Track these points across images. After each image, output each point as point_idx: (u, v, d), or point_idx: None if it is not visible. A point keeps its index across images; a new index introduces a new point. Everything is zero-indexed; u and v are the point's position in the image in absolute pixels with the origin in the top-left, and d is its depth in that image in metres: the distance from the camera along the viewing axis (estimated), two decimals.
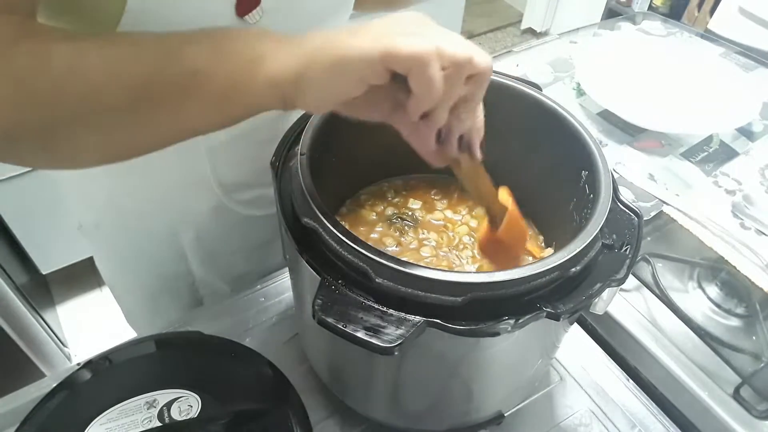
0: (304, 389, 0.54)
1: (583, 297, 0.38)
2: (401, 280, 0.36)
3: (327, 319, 0.34)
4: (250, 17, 0.46)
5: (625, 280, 0.40)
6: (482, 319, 0.35)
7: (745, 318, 0.66)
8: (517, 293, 0.36)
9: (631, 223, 0.43)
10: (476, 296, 0.35)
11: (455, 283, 0.35)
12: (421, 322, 0.34)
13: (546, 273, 0.36)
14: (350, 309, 0.35)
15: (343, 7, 0.60)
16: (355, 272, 0.37)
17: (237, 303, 0.65)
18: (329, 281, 0.36)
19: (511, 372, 0.48)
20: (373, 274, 0.36)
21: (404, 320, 0.34)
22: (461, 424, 0.52)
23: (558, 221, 0.52)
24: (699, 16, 1.29)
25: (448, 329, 0.35)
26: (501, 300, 0.36)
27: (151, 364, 0.55)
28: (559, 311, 0.36)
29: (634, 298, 0.67)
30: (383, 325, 0.34)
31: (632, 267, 0.40)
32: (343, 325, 0.34)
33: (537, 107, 0.51)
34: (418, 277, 0.35)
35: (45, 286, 1.68)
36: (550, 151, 0.51)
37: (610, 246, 0.41)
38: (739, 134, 0.92)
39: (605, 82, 0.96)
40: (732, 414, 0.56)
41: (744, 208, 0.77)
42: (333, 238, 0.37)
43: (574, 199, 0.48)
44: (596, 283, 0.39)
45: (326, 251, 0.38)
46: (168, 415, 0.49)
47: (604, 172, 0.44)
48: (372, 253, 0.36)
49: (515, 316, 0.35)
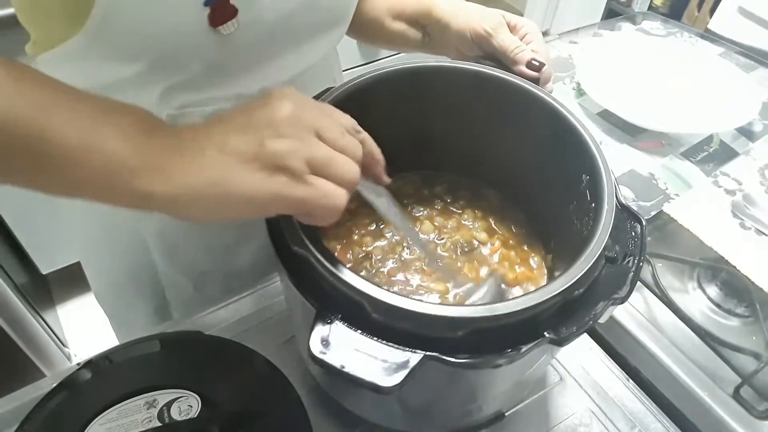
0: (305, 389, 0.54)
1: (585, 318, 0.35)
2: (399, 316, 0.33)
3: (325, 360, 0.32)
4: (224, 28, 0.45)
5: (629, 297, 0.37)
6: (484, 351, 0.34)
7: (745, 318, 0.66)
8: (518, 322, 0.34)
9: (633, 231, 0.40)
10: (476, 328, 0.34)
11: (455, 318, 0.33)
12: (422, 357, 0.33)
13: (549, 301, 0.35)
14: (348, 346, 0.33)
15: (335, 29, 0.60)
16: (350, 304, 0.35)
17: (237, 303, 0.65)
18: (324, 315, 0.34)
19: (511, 374, 0.47)
20: (370, 309, 0.34)
21: (404, 356, 0.33)
22: (460, 426, 0.51)
23: (556, 223, 0.51)
24: (699, 16, 1.28)
25: (449, 363, 0.33)
26: (502, 330, 0.34)
27: (151, 364, 0.55)
28: (562, 336, 0.34)
29: (634, 298, 0.67)
30: (383, 363, 0.32)
31: (636, 282, 0.38)
32: (341, 365, 0.32)
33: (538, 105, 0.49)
34: (416, 313, 0.33)
35: (45, 286, 1.68)
36: (550, 150, 0.50)
37: (613, 259, 0.39)
38: (739, 134, 0.92)
39: (605, 82, 0.96)
40: (732, 414, 0.56)
41: (744, 208, 0.77)
42: (326, 270, 0.35)
43: (574, 201, 0.46)
44: (599, 301, 0.36)
45: (319, 280, 0.36)
46: (168, 415, 0.49)
47: (607, 180, 0.42)
48: (368, 288, 0.34)
49: (517, 347, 0.34)
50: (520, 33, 0.56)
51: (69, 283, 1.64)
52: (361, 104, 0.45)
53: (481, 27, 0.55)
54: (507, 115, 0.52)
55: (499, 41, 0.54)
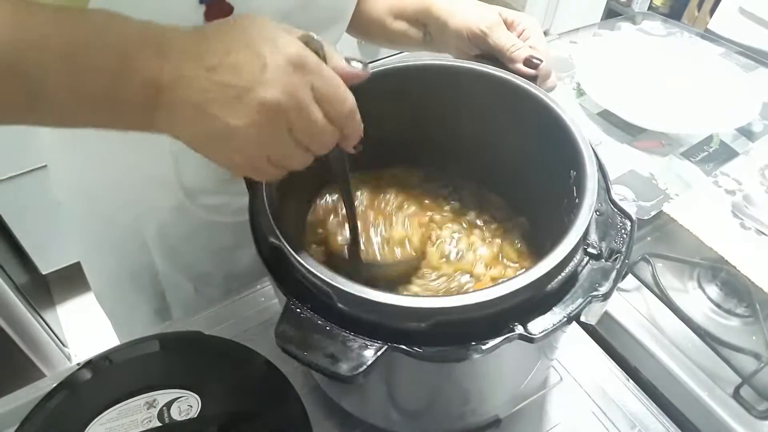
0: (305, 389, 0.54)
1: (561, 317, 0.34)
2: (364, 306, 0.34)
3: (287, 346, 0.33)
4: None
5: (610, 295, 0.36)
6: (449, 343, 0.34)
7: (745, 318, 0.66)
8: (486, 315, 0.34)
9: (624, 229, 0.39)
10: (441, 320, 0.33)
11: (419, 308, 0.33)
12: (385, 347, 0.33)
13: (517, 293, 0.34)
14: (313, 334, 0.34)
15: (333, 27, 0.60)
16: (320, 294, 0.36)
17: (237, 303, 0.65)
18: (294, 304, 0.35)
19: (508, 376, 0.47)
20: (336, 299, 0.35)
21: (367, 346, 0.33)
22: (460, 427, 0.51)
23: (549, 221, 0.49)
24: (699, 16, 1.28)
25: (413, 354, 0.33)
26: (469, 322, 0.34)
27: (151, 364, 0.55)
28: (532, 335, 0.33)
29: (634, 298, 0.67)
30: (346, 351, 0.33)
31: (619, 280, 0.37)
32: (304, 352, 0.33)
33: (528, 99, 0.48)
34: (381, 303, 0.33)
35: (45, 286, 1.68)
36: (540, 146, 0.49)
37: (597, 255, 0.38)
38: (739, 134, 0.92)
39: (605, 82, 0.96)
40: (732, 414, 0.56)
41: (744, 208, 0.77)
42: (296, 261, 0.36)
43: (564, 200, 0.45)
44: (577, 298, 0.35)
45: (293, 271, 0.37)
46: (168, 415, 0.49)
47: (591, 173, 0.40)
48: (333, 279, 0.35)
49: (483, 340, 0.33)
50: (517, 30, 0.56)
51: (69, 283, 1.64)
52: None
53: (477, 26, 0.55)
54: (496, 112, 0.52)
55: (495, 40, 0.54)
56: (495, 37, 0.54)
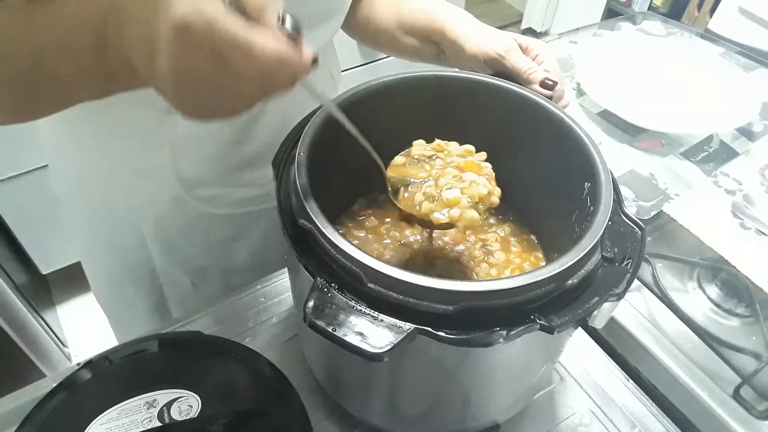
0: (305, 389, 0.53)
1: (579, 311, 0.37)
2: (393, 286, 0.35)
3: (317, 322, 0.34)
4: None
5: (624, 295, 0.39)
6: (474, 329, 0.35)
7: (745, 318, 0.66)
8: (511, 304, 0.36)
9: (634, 237, 0.42)
10: (469, 305, 0.35)
11: (447, 291, 0.35)
12: (412, 329, 0.34)
13: (540, 284, 0.36)
14: (341, 313, 0.35)
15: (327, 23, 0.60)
16: (348, 276, 0.37)
17: (237, 303, 0.65)
18: (322, 284, 0.36)
19: (513, 378, 0.48)
20: (366, 279, 0.36)
21: (395, 326, 0.34)
22: (460, 427, 0.51)
23: (559, 234, 0.51)
24: (699, 16, 1.29)
25: (439, 338, 0.34)
26: (494, 310, 0.35)
27: (151, 364, 0.55)
28: (553, 324, 0.35)
29: (634, 298, 0.67)
30: (374, 330, 0.34)
31: (632, 282, 0.39)
32: (333, 329, 0.34)
33: (541, 114, 0.50)
34: (410, 284, 0.35)
35: (45, 286, 1.68)
36: (553, 160, 0.51)
37: (611, 259, 0.40)
38: (739, 134, 0.92)
39: (605, 82, 0.97)
40: (732, 414, 0.56)
41: (744, 208, 0.77)
42: (327, 241, 0.37)
43: (576, 211, 0.47)
44: (594, 296, 0.38)
45: (322, 254, 0.38)
46: (168, 415, 0.49)
47: (606, 184, 0.43)
48: (365, 258, 0.36)
49: (507, 327, 0.35)
50: (532, 54, 0.58)
51: (69, 283, 1.64)
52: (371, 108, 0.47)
53: (494, 51, 0.56)
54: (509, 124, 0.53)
55: (513, 63, 0.56)
56: (512, 60, 0.56)
